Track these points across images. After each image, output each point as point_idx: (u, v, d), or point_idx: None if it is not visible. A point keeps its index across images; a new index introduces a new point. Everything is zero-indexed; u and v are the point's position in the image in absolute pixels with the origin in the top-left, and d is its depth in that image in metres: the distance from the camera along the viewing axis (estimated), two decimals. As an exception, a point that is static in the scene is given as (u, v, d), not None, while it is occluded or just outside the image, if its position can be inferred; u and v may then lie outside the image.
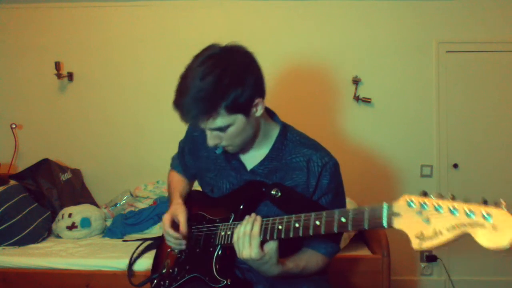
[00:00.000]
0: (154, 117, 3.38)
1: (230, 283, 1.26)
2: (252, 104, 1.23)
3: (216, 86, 1.16)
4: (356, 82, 3.29)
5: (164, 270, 1.47)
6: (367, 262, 2.24)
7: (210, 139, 1.27)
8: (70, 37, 3.44)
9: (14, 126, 3.40)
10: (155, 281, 1.48)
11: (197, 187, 1.61)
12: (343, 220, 1.03)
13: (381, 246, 2.22)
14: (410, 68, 3.32)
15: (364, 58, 3.33)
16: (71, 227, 2.74)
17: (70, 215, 2.77)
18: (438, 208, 0.82)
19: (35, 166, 3.08)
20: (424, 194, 0.86)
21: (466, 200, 0.80)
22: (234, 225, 1.29)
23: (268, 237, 1.18)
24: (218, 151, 1.40)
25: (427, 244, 0.82)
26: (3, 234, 2.54)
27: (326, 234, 1.07)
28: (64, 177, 3.18)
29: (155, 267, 1.57)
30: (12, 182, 2.81)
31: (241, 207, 1.32)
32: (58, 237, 2.77)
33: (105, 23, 3.44)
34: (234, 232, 1.22)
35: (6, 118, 3.45)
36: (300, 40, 3.35)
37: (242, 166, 1.40)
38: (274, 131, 1.39)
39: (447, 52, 3.30)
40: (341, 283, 2.19)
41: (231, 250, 1.25)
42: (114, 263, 2.25)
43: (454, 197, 0.81)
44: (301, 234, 1.12)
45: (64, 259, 2.32)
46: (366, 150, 3.32)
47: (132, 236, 2.73)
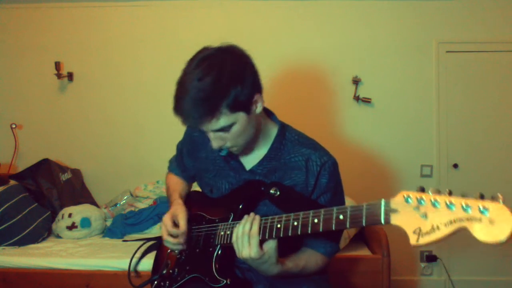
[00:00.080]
0: (154, 117, 3.38)
1: (230, 283, 1.26)
2: (252, 100, 1.23)
3: (215, 86, 1.16)
4: (356, 82, 3.29)
5: (164, 271, 1.47)
6: (367, 262, 2.24)
7: (214, 141, 1.26)
8: (70, 37, 3.45)
9: (14, 126, 3.41)
10: (156, 282, 1.47)
11: (196, 188, 1.61)
12: (341, 217, 1.03)
13: (381, 246, 2.22)
14: (410, 68, 3.32)
15: (364, 58, 3.33)
16: (71, 227, 2.74)
17: (70, 215, 2.77)
18: (435, 203, 0.82)
19: (35, 166, 3.08)
20: (421, 190, 0.86)
21: (463, 195, 0.80)
22: (233, 224, 1.29)
23: (267, 236, 1.17)
24: (223, 153, 1.38)
25: (425, 239, 0.81)
26: (3, 234, 2.54)
27: (325, 233, 1.07)
28: (64, 177, 3.18)
29: (156, 268, 1.57)
30: (12, 182, 2.81)
31: (240, 207, 1.32)
32: (58, 237, 2.77)
33: (105, 23, 3.45)
34: (233, 231, 1.22)
35: (6, 118, 3.45)
36: (300, 40, 3.35)
37: (241, 166, 1.39)
38: (273, 131, 1.38)
39: (447, 52, 3.30)
40: (341, 283, 2.19)
41: (231, 249, 1.25)
42: (114, 263, 2.24)
43: (451, 192, 0.81)
44: (299, 232, 1.11)
45: (64, 259, 2.32)
46: (366, 150, 3.32)
47: (132, 236, 2.73)
